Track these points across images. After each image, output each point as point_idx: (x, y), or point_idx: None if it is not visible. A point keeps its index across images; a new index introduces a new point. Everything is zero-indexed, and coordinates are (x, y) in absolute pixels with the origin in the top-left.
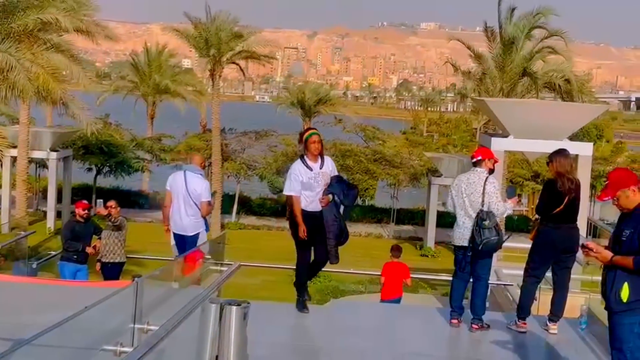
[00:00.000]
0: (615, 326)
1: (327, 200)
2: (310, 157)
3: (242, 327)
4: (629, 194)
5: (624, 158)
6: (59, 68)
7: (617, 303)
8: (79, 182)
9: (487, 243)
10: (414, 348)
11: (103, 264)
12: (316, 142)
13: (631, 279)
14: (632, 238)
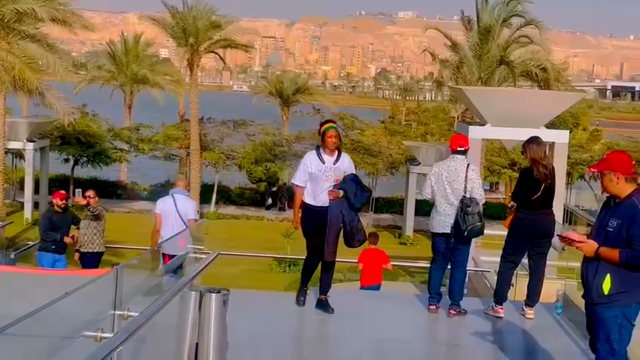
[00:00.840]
0: (598, 318)
1: (335, 195)
2: (326, 151)
3: (222, 314)
4: (612, 177)
5: (600, 145)
6: (35, 58)
7: (599, 295)
8: (56, 173)
9: (473, 229)
10: (393, 334)
11: (82, 253)
12: (333, 136)
13: (613, 271)
14: (620, 230)
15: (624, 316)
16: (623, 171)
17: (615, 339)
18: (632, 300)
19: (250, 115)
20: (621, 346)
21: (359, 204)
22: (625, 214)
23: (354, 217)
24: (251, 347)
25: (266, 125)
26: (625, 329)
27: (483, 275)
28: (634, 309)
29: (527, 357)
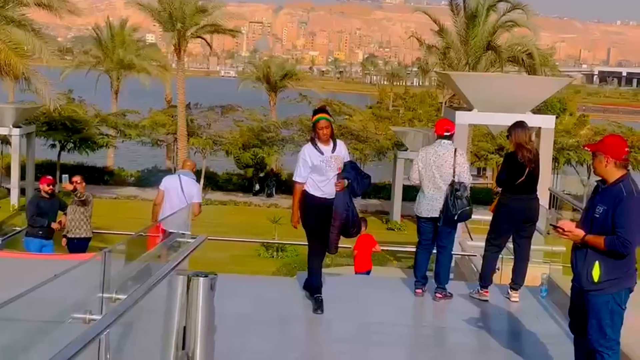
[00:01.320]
0: (589, 305)
1: (342, 185)
2: (320, 141)
3: (210, 298)
4: (602, 159)
5: (586, 130)
6: (21, 43)
7: (589, 283)
8: (43, 159)
9: (462, 213)
10: (380, 317)
11: (69, 239)
12: (324, 127)
13: (602, 259)
14: (606, 216)
15: (614, 302)
16: (614, 155)
17: (607, 324)
18: (621, 286)
19: (238, 101)
20: (613, 331)
21: (361, 191)
22: (610, 200)
23: (354, 206)
24: (239, 330)
25: (254, 111)
26: (616, 314)
27: (470, 260)
28: (624, 294)
29: (512, 339)
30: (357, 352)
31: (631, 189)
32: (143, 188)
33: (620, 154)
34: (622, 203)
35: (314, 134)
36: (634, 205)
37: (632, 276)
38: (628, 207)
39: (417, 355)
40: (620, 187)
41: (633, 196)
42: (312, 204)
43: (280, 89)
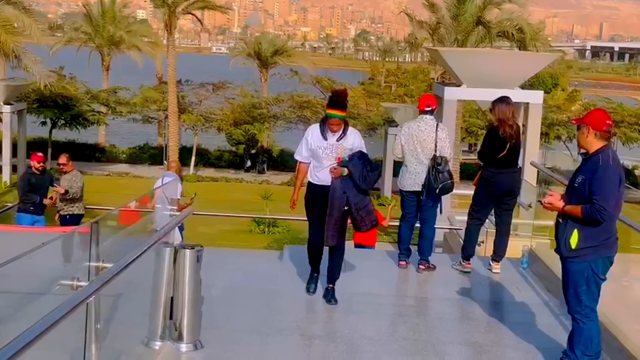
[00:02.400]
0: (567, 272)
1: (338, 173)
2: (330, 127)
3: (196, 269)
4: (584, 131)
5: (577, 106)
6: (11, 20)
7: (567, 249)
8: (34, 136)
9: (444, 186)
10: (364, 288)
11: (62, 216)
12: (335, 125)
13: (580, 228)
14: (584, 185)
15: (591, 270)
16: (594, 126)
17: (583, 291)
18: (598, 255)
19: (229, 78)
20: (589, 298)
21: (366, 185)
22: (588, 170)
23: (362, 199)
24: (225, 301)
25: (245, 87)
26: (592, 282)
27: (457, 233)
28: (601, 263)
29: (493, 309)
30: (340, 321)
31: (608, 159)
32: (135, 165)
33: (601, 125)
34: (599, 171)
35: (326, 120)
36: (610, 174)
37: (611, 245)
38: (604, 176)
39: (399, 324)
40: (599, 157)
41: (609, 165)
42: (310, 190)
43: (271, 65)
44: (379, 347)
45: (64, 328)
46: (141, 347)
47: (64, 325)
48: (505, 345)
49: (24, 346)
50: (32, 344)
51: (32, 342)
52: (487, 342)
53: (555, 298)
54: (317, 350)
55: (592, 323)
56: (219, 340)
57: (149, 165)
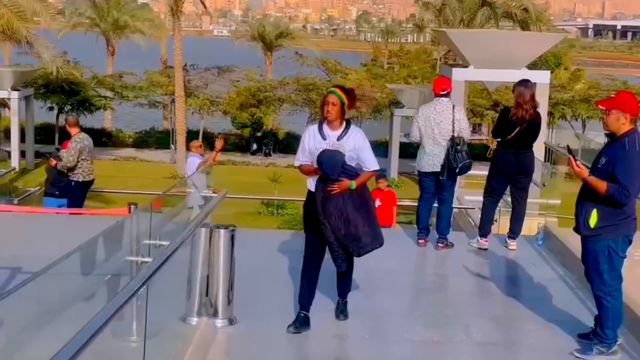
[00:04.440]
0: (587, 251)
1: (344, 186)
2: (327, 121)
3: (230, 249)
4: (619, 117)
5: (581, 85)
6: (22, 6)
7: (586, 229)
8: (41, 121)
9: (463, 166)
10: (384, 266)
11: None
12: (330, 103)
13: (599, 206)
14: (607, 167)
15: (611, 248)
16: (631, 111)
17: (604, 270)
18: (617, 233)
19: (232, 61)
20: (611, 276)
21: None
22: (613, 152)
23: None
24: (253, 280)
25: (250, 71)
26: (614, 260)
27: (467, 213)
28: (620, 241)
29: (510, 284)
30: (363, 298)
31: (634, 142)
32: (141, 149)
33: (635, 110)
34: (626, 154)
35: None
36: (636, 157)
37: (629, 224)
38: (630, 159)
39: (420, 299)
40: (625, 140)
41: (635, 149)
42: (309, 200)
43: (275, 48)
44: (402, 322)
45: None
46: (180, 323)
47: None
48: (525, 319)
49: (107, 320)
50: (114, 317)
51: (114, 315)
52: (507, 315)
53: (571, 273)
54: (343, 326)
55: (616, 301)
56: (252, 316)
57: (156, 149)
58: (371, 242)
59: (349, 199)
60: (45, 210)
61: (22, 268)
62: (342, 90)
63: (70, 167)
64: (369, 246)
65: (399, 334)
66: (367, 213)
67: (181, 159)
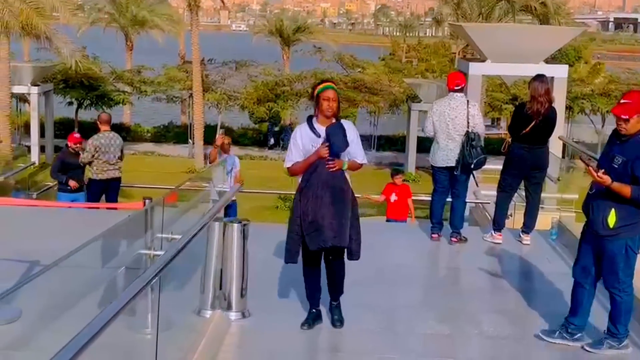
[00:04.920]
0: (604, 250)
1: (339, 165)
2: (321, 119)
3: (243, 242)
4: (639, 119)
5: (601, 79)
6: (42, 2)
7: (604, 228)
8: (61, 116)
9: (478, 161)
10: (398, 260)
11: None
12: (330, 99)
13: (618, 206)
14: (625, 167)
15: (629, 247)
16: None
17: (620, 268)
18: (636, 232)
19: (249, 55)
20: (625, 274)
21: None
22: (631, 152)
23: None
24: (266, 274)
25: (267, 65)
26: (630, 258)
27: (484, 208)
28: (637, 239)
29: (523, 278)
30: (377, 292)
31: None
32: (160, 144)
33: None
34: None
35: (315, 108)
36: None
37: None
38: None
39: (433, 293)
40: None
41: None
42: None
43: (293, 42)
44: (415, 315)
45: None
46: (194, 315)
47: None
48: (537, 314)
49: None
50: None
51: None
52: (519, 310)
53: None
54: (356, 319)
55: (629, 297)
56: (265, 309)
57: (174, 144)
58: (332, 238)
59: (330, 188)
60: (58, 204)
61: (40, 261)
62: (334, 83)
63: (85, 163)
64: (329, 242)
65: (411, 327)
66: (341, 210)
67: (199, 153)
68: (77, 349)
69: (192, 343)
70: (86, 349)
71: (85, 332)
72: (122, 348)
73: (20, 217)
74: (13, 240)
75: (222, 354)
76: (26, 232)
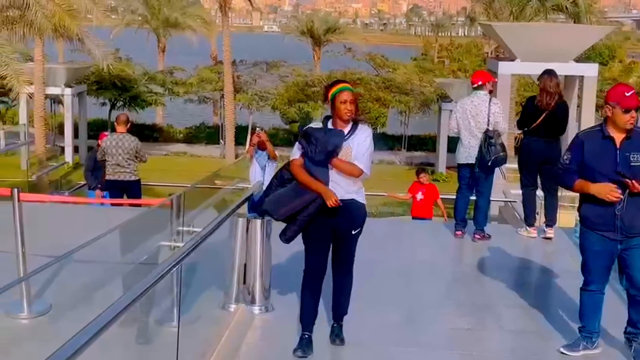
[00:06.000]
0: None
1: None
2: (338, 123)
3: (266, 238)
4: None
5: (634, 78)
6: (74, 4)
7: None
8: (94, 117)
9: (496, 159)
10: (421, 257)
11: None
12: (348, 101)
13: None
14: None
15: None
16: None
17: None
18: None
19: (281, 56)
20: None
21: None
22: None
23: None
24: (288, 268)
25: (298, 66)
26: None
27: (512, 206)
28: None
29: (545, 275)
30: (400, 287)
31: None
32: (191, 145)
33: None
34: None
35: (332, 111)
36: None
37: None
38: None
39: (457, 289)
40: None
41: None
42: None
43: (324, 43)
44: (438, 310)
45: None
46: (218, 309)
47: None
48: (557, 308)
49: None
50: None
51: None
52: (540, 305)
53: None
54: (379, 313)
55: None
56: (287, 303)
57: (205, 144)
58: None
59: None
60: (89, 200)
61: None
62: (348, 83)
63: (100, 161)
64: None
65: (432, 321)
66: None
67: (230, 154)
68: (91, 334)
69: (216, 336)
70: (100, 335)
71: (99, 319)
72: (147, 339)
73: (50, 213)
74: (46, 236)
75: (244, 346)
76: (55, 228)
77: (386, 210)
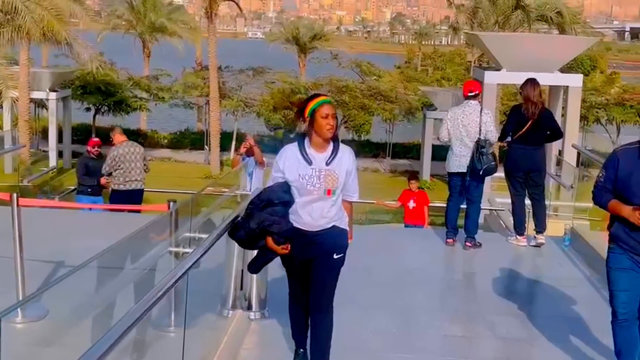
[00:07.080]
0: None
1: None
2: (316, 142)
3: None
4: None
5: (616, 89)
6: (62, 9)
7: None
8: (79, 122)
9: (487, 168)
10: (413, 264)
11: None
12: (330, 115)
13: None
14: None
15: None
16: None
17: None
18: None
19: (266, 62)
20: None
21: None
22: None
23: None
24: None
25: (284, 72)
26: None
27: (498, 215)
28: None
29: (535, 283)
30: (393, 294)
31: None
32: (176, 150)
33: None
34: None
35: (309, 128)
36: None
37: None
38: None
39: (447, 296)
40: None
41: None
42: (294, 237)
43: (309, 50)
44: (430, 316)
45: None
46: (215, 315)
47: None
48: (548, 316)
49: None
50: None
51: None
52: (532, 313)
53: (597, 273)
54: (373, 319)
55: None
56: (284, 310)
57: (190, 150)
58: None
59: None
60: (78, 206)
61: (64, 262)
62: (327, 96)
63: (105, 174)
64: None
65: (426, 328)
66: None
67: (215, 160)
68: (108, 344)
69: (214, 341)
70: (117, 345)
71: (115, 328)
72: (149, 345)
73: (44, 218)
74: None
75: (242, 352)
76: (50, 233)
77: (374, 218)
